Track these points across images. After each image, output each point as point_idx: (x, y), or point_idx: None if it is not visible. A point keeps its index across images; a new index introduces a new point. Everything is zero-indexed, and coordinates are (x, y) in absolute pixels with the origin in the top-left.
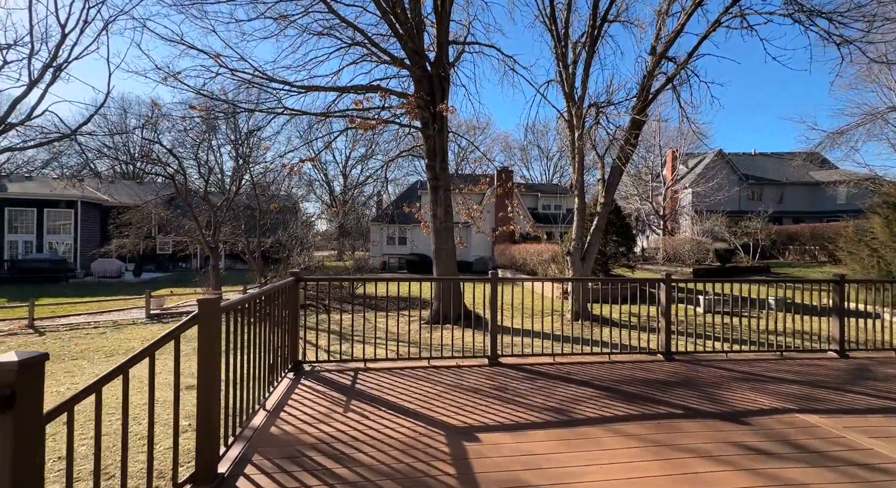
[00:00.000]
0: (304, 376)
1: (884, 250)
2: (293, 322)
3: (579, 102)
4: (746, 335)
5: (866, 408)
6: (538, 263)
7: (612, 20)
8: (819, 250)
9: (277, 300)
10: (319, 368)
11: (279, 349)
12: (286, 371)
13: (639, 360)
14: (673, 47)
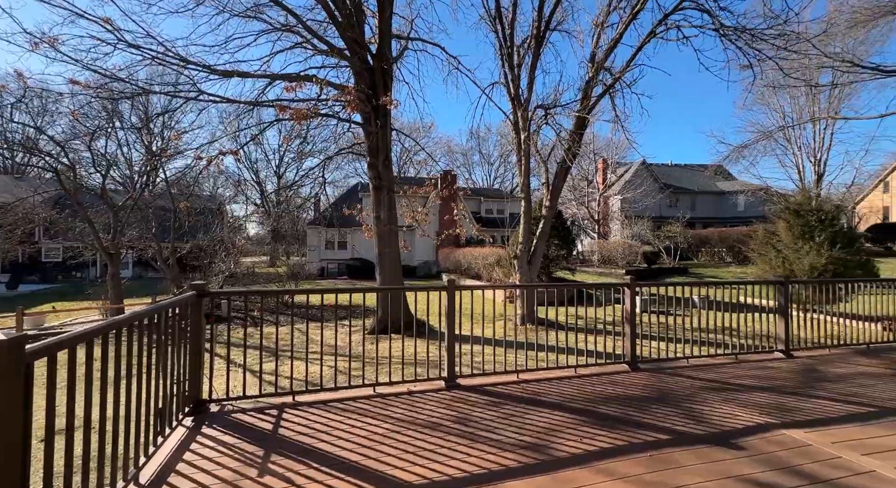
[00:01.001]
0: (208, 421)
1: (787, 251)
2: (194, 350)
3: (525, 105)
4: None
5: (840, 416)
6: (483, 267)
7: (554, 28)
8: (726, 252)
9: (168, 323)
10: (232, 407)
11: (170, 387)
12: (182, 415)
13: (606, 372)
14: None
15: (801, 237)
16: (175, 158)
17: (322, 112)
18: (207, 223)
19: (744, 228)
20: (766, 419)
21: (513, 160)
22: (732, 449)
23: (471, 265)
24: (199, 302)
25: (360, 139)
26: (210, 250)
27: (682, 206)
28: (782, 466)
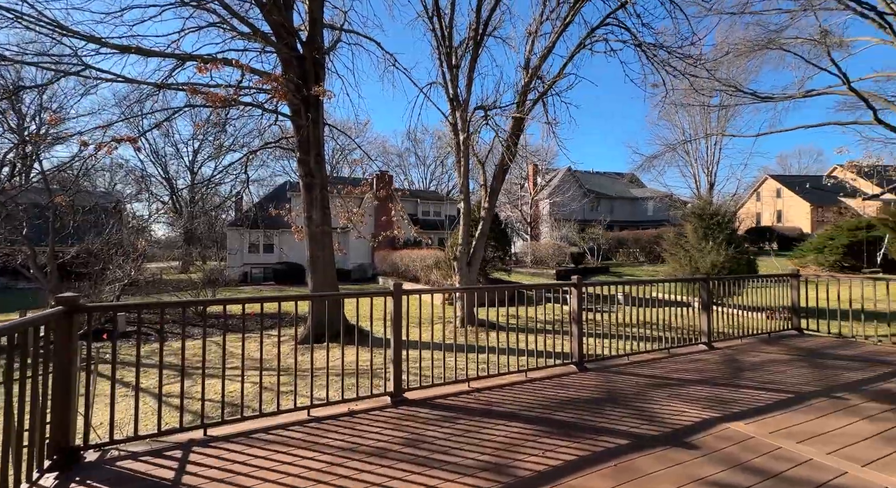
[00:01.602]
0: (80, 477)
1: (693, 251)
2: (60, 383)
3: (464, 106)
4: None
5: (768, 405)
6: (421, 269)
7: (490, 33)
8: (639, 252)
9: (18, 349)
10: (118, 453)
11: (19, 435)
12: (39, 472)
13: (556, 375)
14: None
15: (703, 238)
16: (55, 146)
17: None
18: (101, 223)
19: (654, 231)
20: (710, 413)
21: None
22: (689, 449)
23: (408, 267)
24: (70, 320)
25: (288, 133)
26: (104, 255)
27: (603, 210)
28: (736, 463)
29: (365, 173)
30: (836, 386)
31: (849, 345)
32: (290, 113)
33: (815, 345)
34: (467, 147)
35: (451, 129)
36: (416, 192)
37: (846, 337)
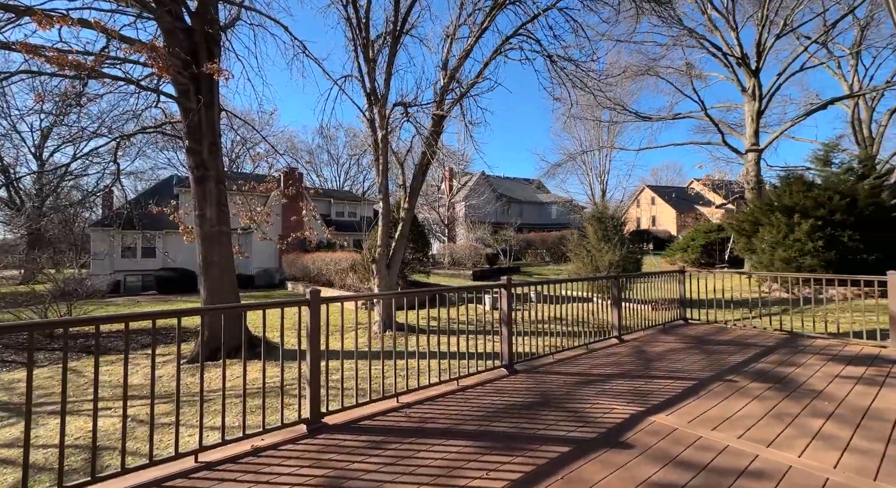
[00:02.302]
0: None
1: (594, 252)
2: None
3: (383, 101)
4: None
5: (679, 394)
6: (336, 272)
7: (408, 31)
8: (545, 253)
9: None
10: None
11: None
12: None
13: (488, 380)
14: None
15: (602, 239)
16: None
17: (111, 74)
18: None
19: (557, 233)
20: (635, 407)
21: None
22: (626, 449)
23: (321, 271)
24: None
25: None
26: None
27: (513, 214)
28: (670, 459)
29: (271, 169)
30: (724, 369)
31: (723, 331)
32: (175, 93)
33: (699, 332)
34: (386, 145)
35: (368, 126)
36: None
37: (719, 323)
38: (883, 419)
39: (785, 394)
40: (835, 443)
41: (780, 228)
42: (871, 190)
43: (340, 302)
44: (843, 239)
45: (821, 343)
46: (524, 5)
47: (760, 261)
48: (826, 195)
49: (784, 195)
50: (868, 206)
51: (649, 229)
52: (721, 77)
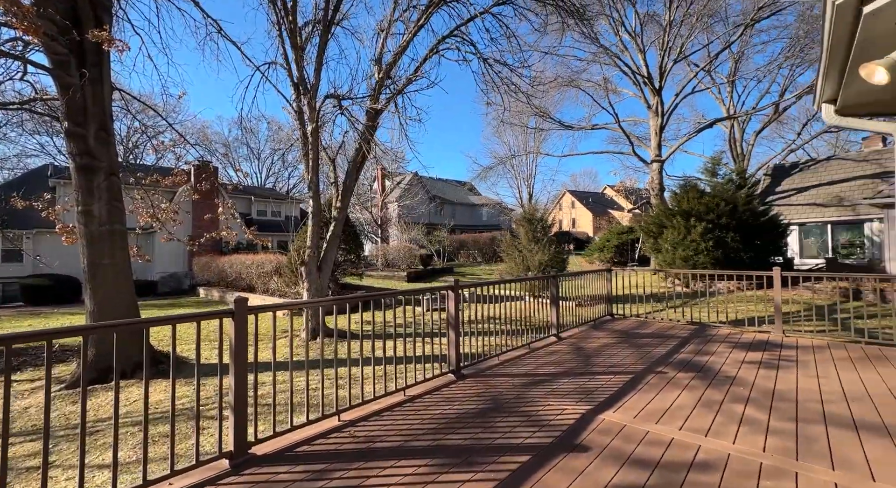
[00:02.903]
0: None
1: (525, 252)
2: None
3: (313, 92)
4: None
5: (620, 389)
6: (258, 276)
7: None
8: (478, 253)
9: None
10: None
11: None
12: None
13: (436, 387)
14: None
15: (532, 240)
16: None
17: None
18: None
19: (489, 234)
20: (584, 406)
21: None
22: (583, 452)
23: (240, 275)
24: None
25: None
26: None
27: (447, 215)
28: (624, 458)
29: (180, 161)
30: (653, 362)
31: (644, 325)
32: (50, 64)
33: (625, 326)
34: (317, 139)
35: (295, 118)
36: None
37: (640, 317)
38: (787, 399)
39: (707, 382)
40: (758, 427)
41: (680, 230)
42: (746, 198)
43: (272, 311)
44: (728, 240)
45: (723, 332)
46: (459, 7)
47: (665, 260)
48: (714, 201)
49: (683, 201)
50: (745, 212)
51: (570, 231)
52: (631, 94)
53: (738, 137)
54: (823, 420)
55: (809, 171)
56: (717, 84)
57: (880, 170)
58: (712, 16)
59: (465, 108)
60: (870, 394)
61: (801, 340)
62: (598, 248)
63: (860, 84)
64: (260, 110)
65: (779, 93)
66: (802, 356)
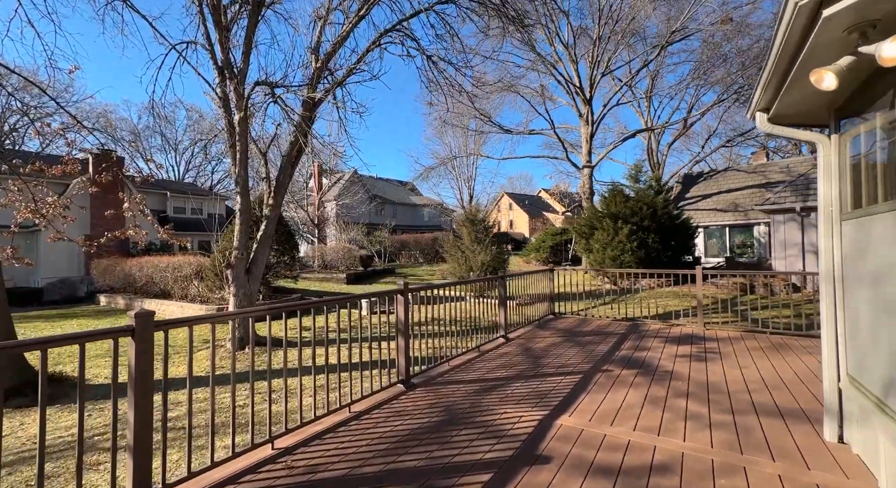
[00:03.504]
0: None
1: (468, 252)
2: None
3: (241, 77)
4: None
5: (572, 391)
6: (176, 281)
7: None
8: (419, 254)
9: None
10: None
11: None
12: None
13: (384, 400)
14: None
15: (475, 241)
16: None
17: None
18: None
19: (430, 235)
20: (539, 412)
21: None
22: (546, 464)
23: (153, 279)
24: None
25: None
26: None
27: (388, 215)
28: (587, 466)
29: (74, 149)
30: (598, 360)
31: (584, 323)
32: None
33: (567, 325)
34: (246, 129)
35: (220, 106)
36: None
37: (579, 315)
38: (720, 391)
39: (650, 379)
40: (702, 423)
41: (609, 232)
42: (664, 203)
43: (188, 325)
44: (649, 241)
45: (654, 327)
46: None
47: (595, 259)
48: (638, 205)
49: (611, 204)
50: (663, 216)
51: (508, 232)
52: (565, 102)
53: (655, 148)
54: (754, 409)
55: (712, 180)
56: (637, 98)
57: (765, 181)
58: (634, 35)
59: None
60: (784, 382)
61: (720, 332)
62: (535, 249)
63: (797, 92)
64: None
65: (686, 109)
66: (723, 348)
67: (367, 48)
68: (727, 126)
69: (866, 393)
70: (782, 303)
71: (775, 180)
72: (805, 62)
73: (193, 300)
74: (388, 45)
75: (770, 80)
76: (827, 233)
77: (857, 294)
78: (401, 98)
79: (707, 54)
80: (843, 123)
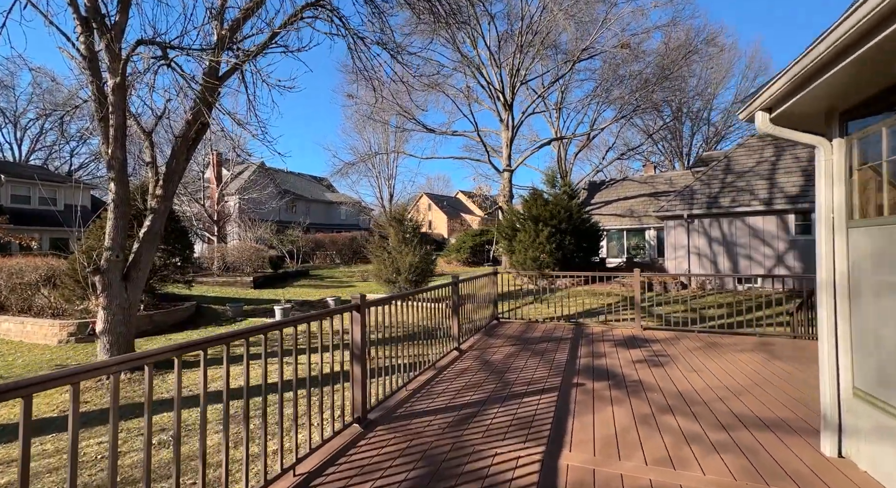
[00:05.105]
0: None
1: (395, 253)
2: None
3: (116, 32)
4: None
5: (557, 416)
6: (16, 289)
7: None
8: (335, 254)
9: None
10: None
11: None
12: None
13: (337, 450)
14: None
15: (402, 241)
16: None
17: None
18: None
19: (348, 234)
20: (535, 448)
21: (76, 127)
22: None
23: None
24: None
25: None
26: None
27: (301, 212)
28: None
29: None
30: (563, 371)
31: (530, 328)
32: None
33: (515, 331)
34: (123, 99)
35: (84, 67)
36: (2, 165)
37: (520, 319)
38: (696, 402)
39: (625, 392)
40: (704, 445)
41: (530, 233)
42: (579, 207)
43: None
44: (566, 242)
45: (597, 329)
46: None
47: (518, 260)
48: (557, 209)
49: (532, 207)
50: (577, 219)
51: (428, 233)
52: (487, 106)
53: (563, 156)
54: (741, 423)
55: (612, 188)
56: (549, 109)
57: (653, 191)
58: (548, 47)
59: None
60: (743, 386)
61: (657, 334)
62: (456, 249)
63: (808, 95)
64: (15, 49)
65: (589, 124)
66: (668, 349)
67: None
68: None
69: (886, 408)
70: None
71: (661, 190)
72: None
73: (42, 313)
74: (314, 21)
75: (795, 79)
76: (827, 240)
77: (877, 304)
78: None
79: (608, 74)
80: (851, 126)
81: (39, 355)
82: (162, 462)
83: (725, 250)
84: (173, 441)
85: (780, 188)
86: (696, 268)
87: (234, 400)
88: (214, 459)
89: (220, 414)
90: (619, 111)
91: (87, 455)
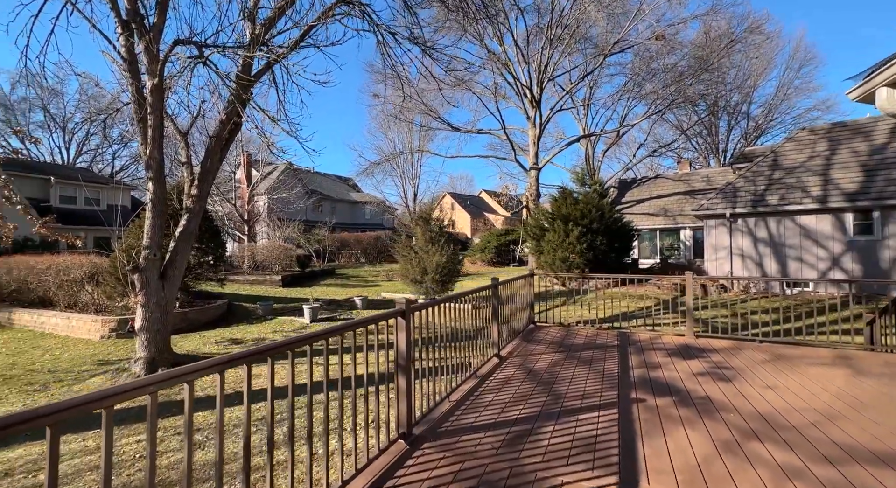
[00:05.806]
0: None
1: (422, 253)
2: None
3: (155, 31)
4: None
5: (624, 438)
6: (61, 285)
7: None
8: (360, 253)
9: None
10: None
11: None
12: None
13: (381, 471)
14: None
15: (429, 241)
16: None
17: None
18: None
19: (373, 233)
20: (608, 478)
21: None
22: None
23: (28, 284)
24: None
25: None
26: None
27: (326, 212)
28: None
29: None
30: (618, 383)
31: (571, 334)
32: None
33: (554, 336)
34: (160, 98)
35: (125, 68)
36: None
37: (556, 322)
38: (783, 427)
39: (694, 410)
40: (809, 482)
41: (560, 233)
42: (610, 206)
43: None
44: (597, 243)
45: (644, 336)
46: None
47: (546, 261)
48: (588, 208)
49: (562, 206)
50: (610, 218)
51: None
52: (513, 104)
53: (591, 154)
54: (850, 456)
55: (644, 186)
56: (577, 105)
57: (689, 189)
58: (579, 41)
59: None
60: (834, 408)
61: (712, 342)
62: (480, 249)
63: None
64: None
65: (619, 120)
66: (730, 361)
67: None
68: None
69: None
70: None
71: (698, 188)
72: None
73: (86, 309)
74: (344, 17)
75: None
76: None
77: None
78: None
79: (640, 68)
80: None
81: (83, 350)
82: (197, 464)
83: (773, 251)
84: (242, 474)
85: (836, 184)
86: (738, 269)
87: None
88: (257, 474)
89: (256, 429)
90: (650, 106)
91: (125, 454)
